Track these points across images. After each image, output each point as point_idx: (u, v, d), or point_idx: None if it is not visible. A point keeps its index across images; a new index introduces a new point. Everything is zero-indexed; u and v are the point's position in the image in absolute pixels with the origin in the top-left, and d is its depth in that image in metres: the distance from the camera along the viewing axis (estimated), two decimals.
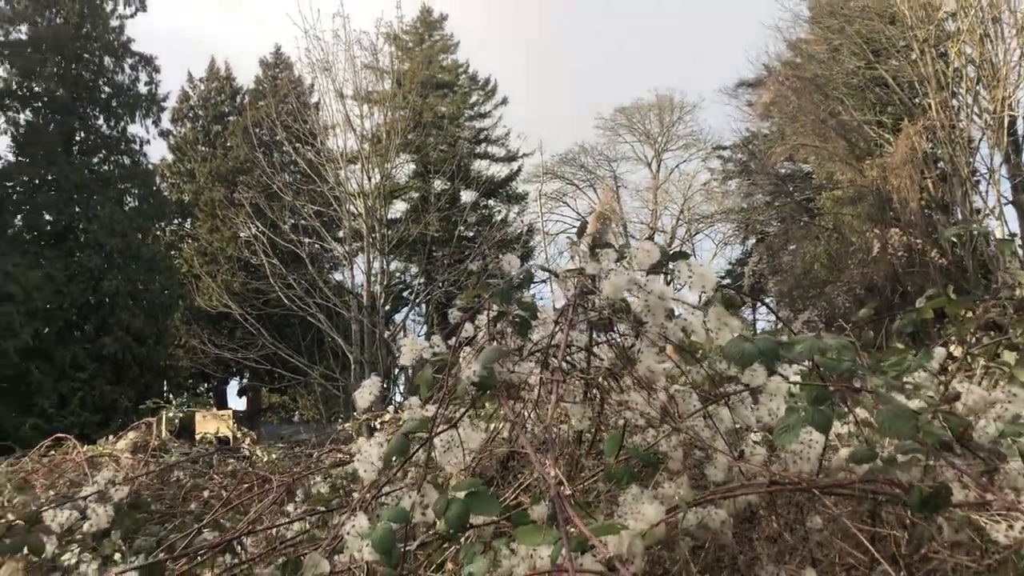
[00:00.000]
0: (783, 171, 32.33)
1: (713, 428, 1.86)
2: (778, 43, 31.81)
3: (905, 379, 2.14)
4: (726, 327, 1.74)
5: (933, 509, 1.46)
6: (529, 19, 70.38)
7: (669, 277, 1.93)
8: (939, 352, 2.31)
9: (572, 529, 1.39)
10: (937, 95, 23.96)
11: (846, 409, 1.81)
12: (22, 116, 29.57)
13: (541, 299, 2.15)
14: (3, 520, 2.78)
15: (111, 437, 6.30)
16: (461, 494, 1.60)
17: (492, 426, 2.32)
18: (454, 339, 2.02)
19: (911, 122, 24.33)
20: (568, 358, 2.12)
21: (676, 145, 41.36)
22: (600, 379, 2.12)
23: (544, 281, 2.09)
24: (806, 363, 1.72)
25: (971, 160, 24.25)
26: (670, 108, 40.82)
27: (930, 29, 24.06)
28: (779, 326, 2.59)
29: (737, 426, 1.90)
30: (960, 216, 24.16)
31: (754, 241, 35.61)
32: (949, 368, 2.26)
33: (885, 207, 24.71)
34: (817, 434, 1.65)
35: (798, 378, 1.80)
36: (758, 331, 1.98)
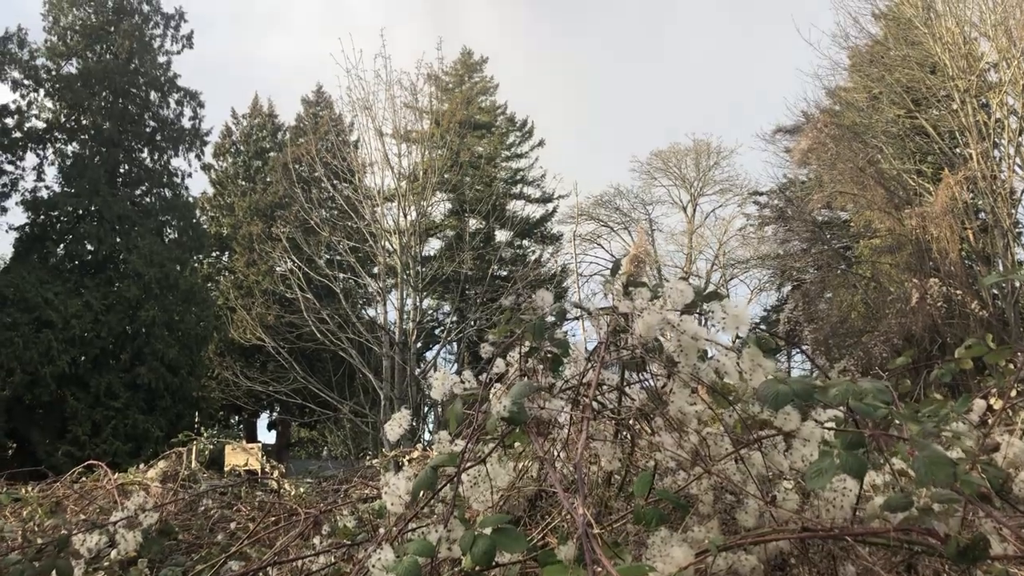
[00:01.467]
0: (820, 218, 32.08)
1: (745, 472, 1.83)
2: (817, 90, 31.91)
3: (943, 428, 2.09)
4: (760, 369, 1.73)
5: (971, 561, 1.42)
6: (568, 63, 71.15)
7: (703, 318, 1.92)
8: (979, 404, 2.26)
9: (599, 570, 1.37)
10: (978, 145, 23.74)
11: (882, 460, 1.78)
12: (69, 148, 30.36)
13: (573, 336, 2.15)
14: (34, 544, 2.80)
15: (142, 466, 6.34)
16: (488, 530, 1.58)
17: (521, 464, 2.31)
18: (485, 374, 2.02)
19: (952, 172, 24.09)
20: (599, 397, 2.11)
21: (712, 190, 41.38)
22: (631, 420, 2.11)
23: (577, 318, 2.09)
24: (841, 409, 1.69)
25: (1013, 212, 23.91)
26: (707, 152, 40.91)
27: (971, 79, 23.92)
28: (815, 374, 2.55)
29: (769, 472, 1.88)
30: (1001, 268, 23.78)
31: (790, 288, 35.27)
32: (988, 420, 2.22)
33: (924, 257, 24.39)
34: (851, 481, 1.62)
35: (833, 424, 1.77)
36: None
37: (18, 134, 29.56)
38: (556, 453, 2.19)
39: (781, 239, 34.36)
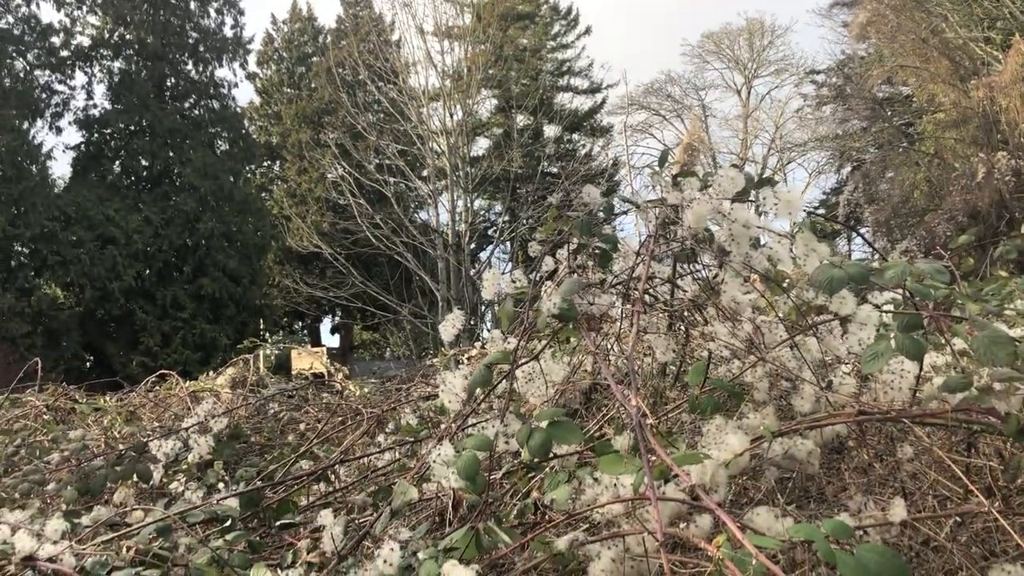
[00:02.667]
0: (881, 95, 30.89)
1: (800, 359, 1.82)
2: None
3: (1006, 307, 2.04)
4: (814, 254, 1.69)
5: None
6: None
7: (755, 205, 1.88)
8: None
9: (655, 459, 1.39)
10: None
11: (943, 340, 1.75)
12: (115, 64, 30.46)
13: (622, 231, 2.13)
14: (115, 450, 2.95)
15: (211, 373, 6.58)
16: (544, 423, 1.61)
17: (575, 359, 2.33)
18: (535, 272, 2.02)
19: (1023, 38, 22.83)
20: (651, 290, 2.10)
21: (767, 71, 40.01)
22: (684, 311, 2.10)
23: (626, 213, 2.07)
24: (899, 292, 1.66)
25: None
26: (760, 32, 39.38)
27: None
28: (875, 257, 2.50)
29: (826, 357, 1.86)
30: None
31: (850, 169, 34.33)
32: None
33: (992, 129, 23.42)
34: (909, 363, 1.60)
35: (891, 307, 1.74)
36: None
37: (65, 53, 29.70)
38: (609, 347, 2.20)
39: (840, 119, 33.27)
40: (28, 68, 28.83)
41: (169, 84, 31.06)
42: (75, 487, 2.67)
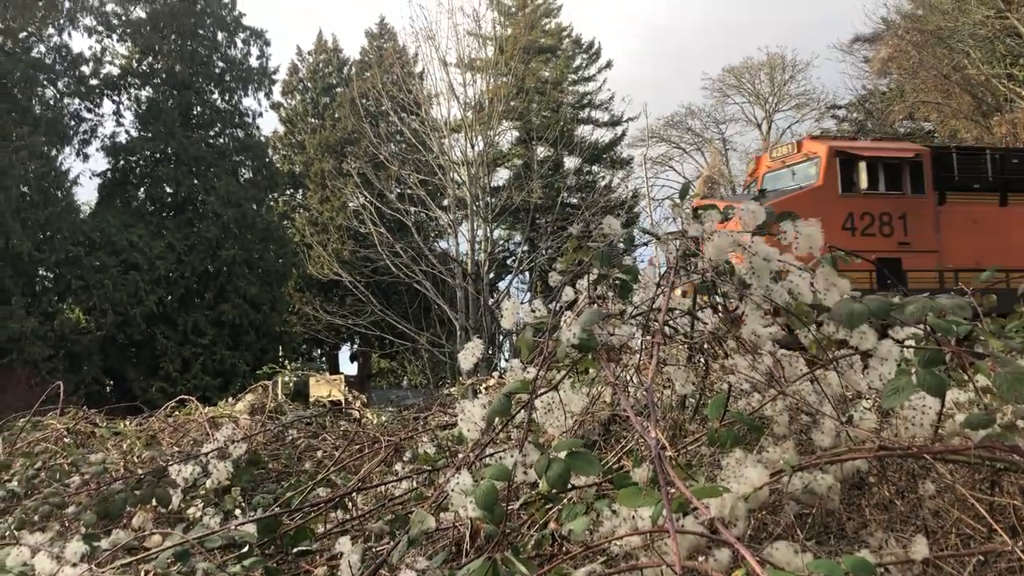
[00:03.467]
0: (902, 129, 30.83)
1: (820, 393, 1.81)
2: None
3: None
4: (834, 288, 1.69)
5: None
6: None
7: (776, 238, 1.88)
8: None
9: (673, 491, 1.38)
10: None
11: (966, 377, 1.74)
12: (143, 92, 30.99)
13: (642, 262, 2.14)
14: (134, 474, 2.96)
15: (230, 399, 6.61)
16: (562, 454, 1.61)
17: (594, 390, 2.32)
18: (554, 302, 2.03)
19: None
20: (671, 322, 2.10)
21: (788, 105, 40.07)
22: (704, 343, 2.10)
23: (646, 244, 2.08)
24: (920, 327, 1.65)
25: None
26: (781, 66, 39.50)
27: None
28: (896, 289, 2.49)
29: (847, 391, 1.85)
30: None
31: None
32: None
33: None
34: (931, 399, 1.59)
35: (912, 342, 1.73)
36: None
37: (94, 81, 30.28)
38: (629, 378, 2.20)
39: None
40: (58, 96, 29.42)
41: (195, 113, 31.52)
42: (95, 510, 2.68)
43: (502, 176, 34.50)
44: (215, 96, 32.00)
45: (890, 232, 13.51)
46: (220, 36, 32.03)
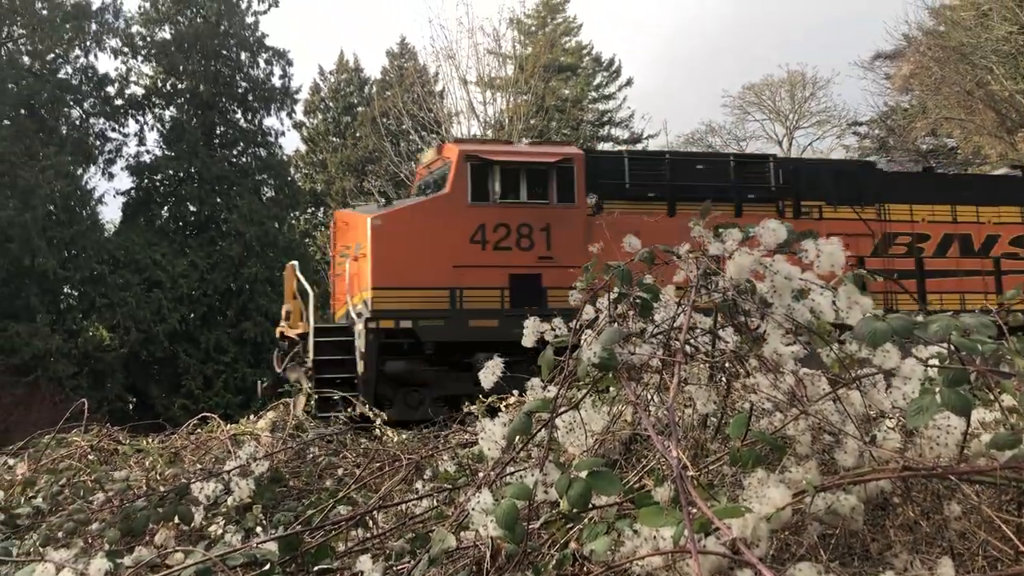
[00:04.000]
0: (924, 146, 30.65)
1: (843, 412, 1.80)
2: (919, 11, 30.19)
3: None
4: (857, 306, 1.68)
5: None
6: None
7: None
8: None
9: (695, 511, 1.38)
10: None
11: (991, 396, 1.72)
12: (167, 112, 31.39)
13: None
14: (156, 491, 2.98)
15: (252, 416, 6.64)
16: (583, 473, 1.61)
17: (615, 409, 2.32)
18: (575, 321, 2.03)
19: None
20: (692, 341, 2.10)
21: (809, 122, 39.93)
22: (725, 362, 2.09)
23: (667, 263, 2.08)
24: (944, 346, 1.64)
25: None
26: (802, 83, 39.40)
27: None
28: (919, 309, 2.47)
29: (870, 411, 1.84)
30: None
31: None
32: None
33: None
34: (956, 418, 1.57)
35: (936, 361, 1.72)
36: None
37: (119, 101, 30.68)
38: (650, 397, 2.19)
39: None
40: (84, 116, 29.84)
41: (218, 132, 31.84)
42: (118, 527, 2.70)
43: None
44: (238, 116, 32.32)
45: (529, 245, 12.14)
46: (243, 56, 32.38)
